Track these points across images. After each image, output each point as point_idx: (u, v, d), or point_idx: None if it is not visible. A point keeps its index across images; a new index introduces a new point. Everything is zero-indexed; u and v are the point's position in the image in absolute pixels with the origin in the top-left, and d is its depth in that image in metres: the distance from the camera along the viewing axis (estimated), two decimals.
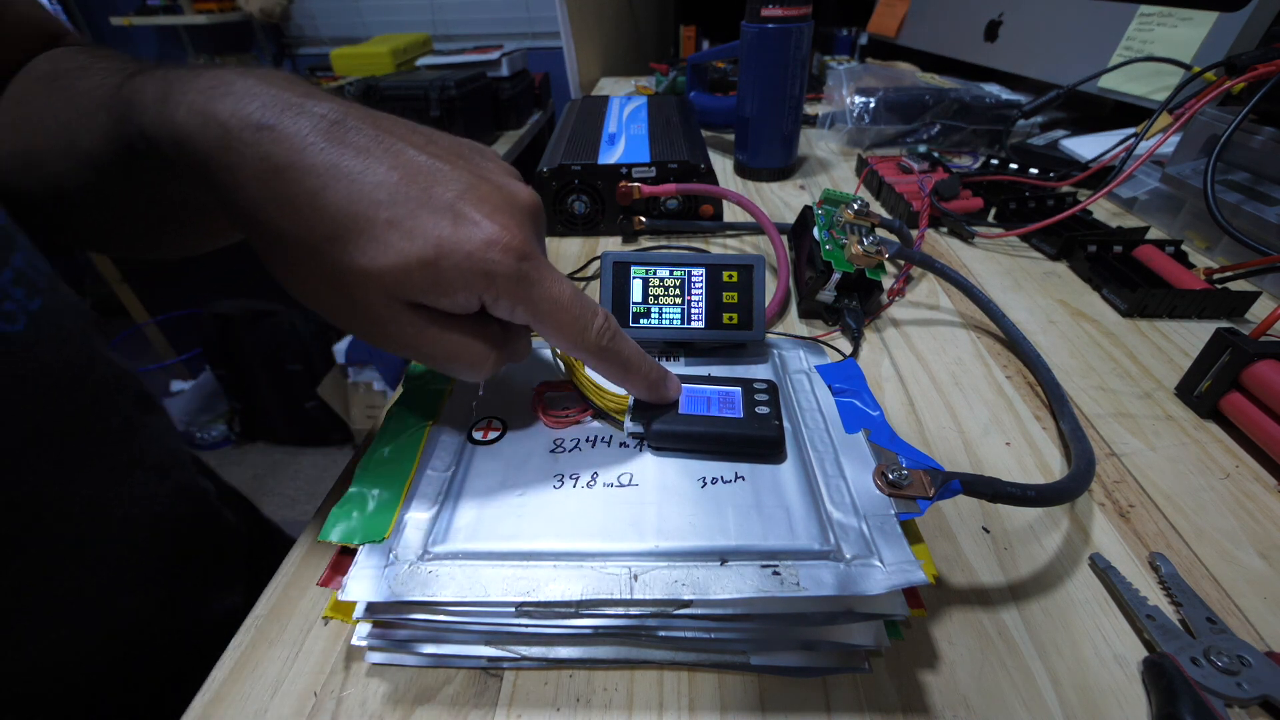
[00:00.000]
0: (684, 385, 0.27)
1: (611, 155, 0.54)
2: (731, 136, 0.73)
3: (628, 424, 0.26)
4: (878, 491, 0.23)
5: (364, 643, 0.22)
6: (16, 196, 0.27)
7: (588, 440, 0.26)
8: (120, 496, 0.29)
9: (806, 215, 0.46)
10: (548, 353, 0.32)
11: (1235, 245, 0.44)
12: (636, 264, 0.33)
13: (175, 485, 0.34)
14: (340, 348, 1.47)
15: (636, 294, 0.32)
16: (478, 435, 0.27)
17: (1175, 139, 0.52)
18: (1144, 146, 0.52)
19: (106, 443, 0.29)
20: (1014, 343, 0.37)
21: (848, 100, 0.74)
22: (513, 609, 0.21)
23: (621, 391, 0.28)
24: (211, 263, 0.36)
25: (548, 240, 0.55)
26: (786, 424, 0.26)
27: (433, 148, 0.21)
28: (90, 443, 0.28)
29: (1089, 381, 0.35)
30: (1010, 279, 0.46)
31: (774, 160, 0.67)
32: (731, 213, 0.57)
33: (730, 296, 0.32)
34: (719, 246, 0.53)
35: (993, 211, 0.56)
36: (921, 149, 0.69)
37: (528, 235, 0.21)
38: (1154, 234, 0.50)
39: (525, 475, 0.25)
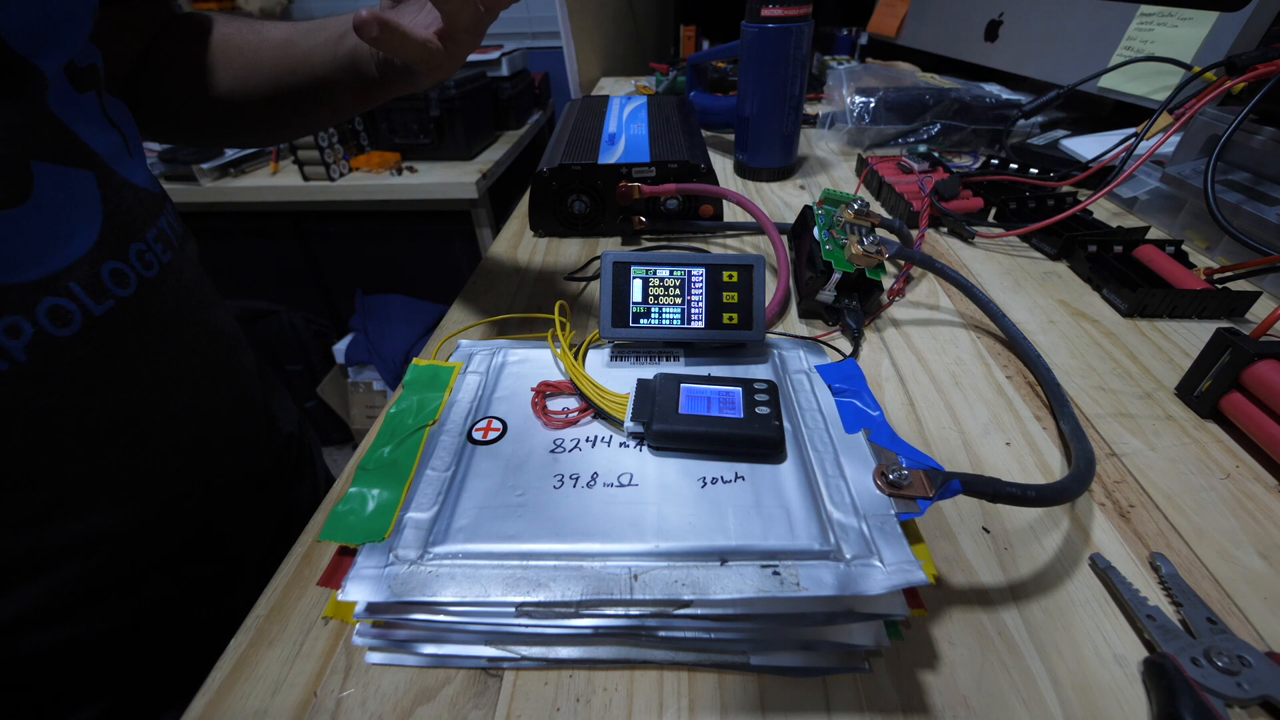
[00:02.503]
0: (684, 385, 0.27)
1: (611, 155, 0.54)
2: (731, 136, 0.73)
3: (628, 424, 0.26)
4: (878, 491, 0.23)
5: (364, 643, 0.22)
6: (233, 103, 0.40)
7: (588, 440, 0.27)
8: (211, 408, 0.35)
9: (806, 215, 0.45)
10: (547, 353, 0.32)
11: (1235, 245, 0.44)
12: (636, 264, 0.33)
13: (250, 417, 0.40)
14: (340, 348, 1.47)
15: (636, 294, 0.32)
16: (478, 435, 0.27)
17: (1175, 139, 0.52)
18: (1144, 146, 0.52)
19: (212, 367, 0.35)
20: (1014, 343, 0.37)
21: (848, 100, 0.74)
22: (513, 609, 0.21)
23: (622, 391, 0.28)
24: (211, 263, 0.37)
25: (548, 241, 0.55)
26: (786, 424, 0.26)
27: None
28: (197, 363, 0.34)
29: (1089, 381, 0.35)
30: (1010, 279, 0.46)
31: (774, 160, 0.67)
32: (731, 213, 0.57)
33: (730, 296, 0.32)
34: (719, 246, 0.53)
35: (993, 211, 0.56)
36: (921, 149, 0.69)
37: None
38: (1154, 234, 0.50)
39: (525, 475, 0.25)
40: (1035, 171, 0.58)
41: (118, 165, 0.30)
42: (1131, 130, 0.58)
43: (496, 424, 0.27)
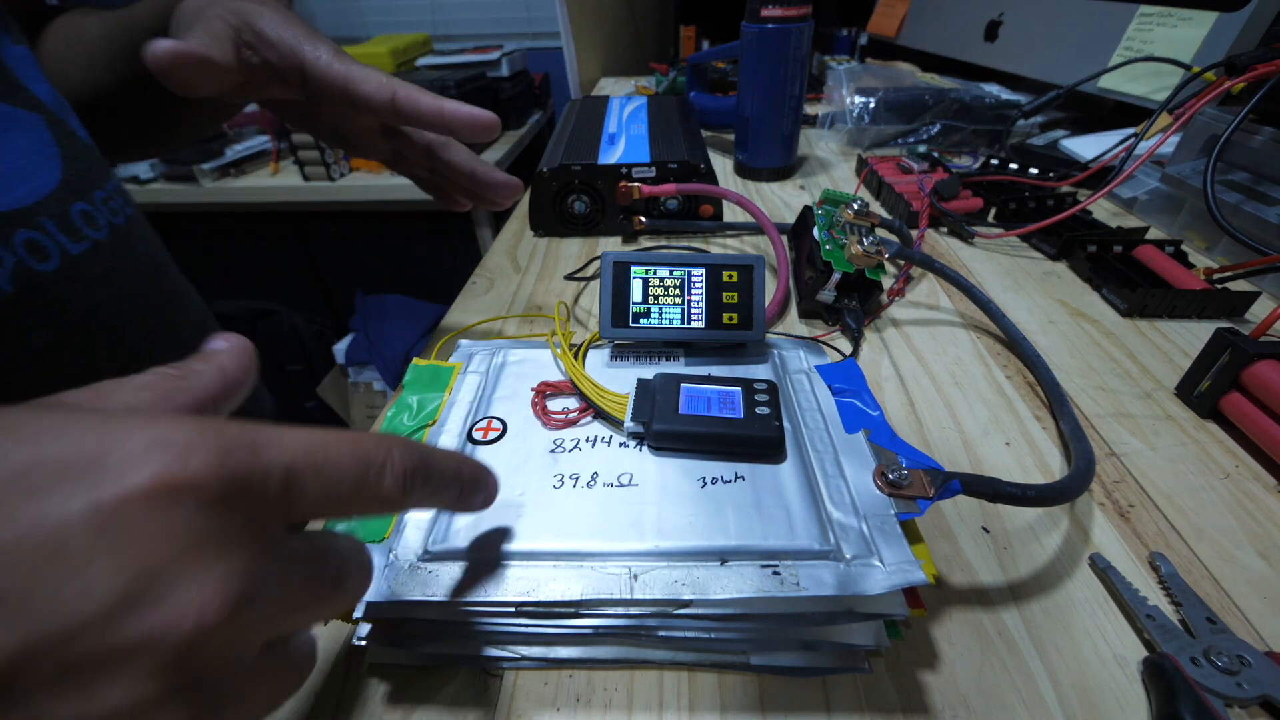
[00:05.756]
0: (684, 385, 0.27)
1: (611, 155, 0.54)
2: (731, 136, 0.73)
3: (628, 424, 0.26)
4: (878, 491, 0.23)
5: (364, 643, 0.22)
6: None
7: (588, 440, 0.27)
8: None
9: (806, 215, 0.45)
10: (548, 353, 0.32)
11: (1235, 245, 0.44)
12: (636, 264, 0.33)
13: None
14: (340, 348, 1.47)
15: (636, 294, 0.32)
16: (478, 435, 0.27)
17: (1175, 139, 0.52)
18: (1144, 146, 0.52)
19: (179, 328, 0.35)
20: (1014, 343, 0.37)
21: (848, 100, 0.74)
22: (513, 609, 0.21)
23: (622, 391, 0.28)
24: (211, 263, 0.37)
25: (548, 241, 0.55)
26: (786, 424, 0.26)
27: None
28: (181, 319, 0.35)
29: (1089, 381, 0.35)
30: (1010, 279, 0.46)
31: (774, 160, 0.67)
32: (731, 213, 0.57)
33: (730, 296, 0.32)
34: (719, 246, 0.53)
35: (993, 211, 0.56)
36: (921, 149, 0.69)
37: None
38: (1154, 234, 0.50)
39: (525, 475, 0.25)
40: (1035, 171, 0.58)
41: (64, 116, 0.30)
42: (1131, 130, 0.58)
43: (496, 424, 0.27)
